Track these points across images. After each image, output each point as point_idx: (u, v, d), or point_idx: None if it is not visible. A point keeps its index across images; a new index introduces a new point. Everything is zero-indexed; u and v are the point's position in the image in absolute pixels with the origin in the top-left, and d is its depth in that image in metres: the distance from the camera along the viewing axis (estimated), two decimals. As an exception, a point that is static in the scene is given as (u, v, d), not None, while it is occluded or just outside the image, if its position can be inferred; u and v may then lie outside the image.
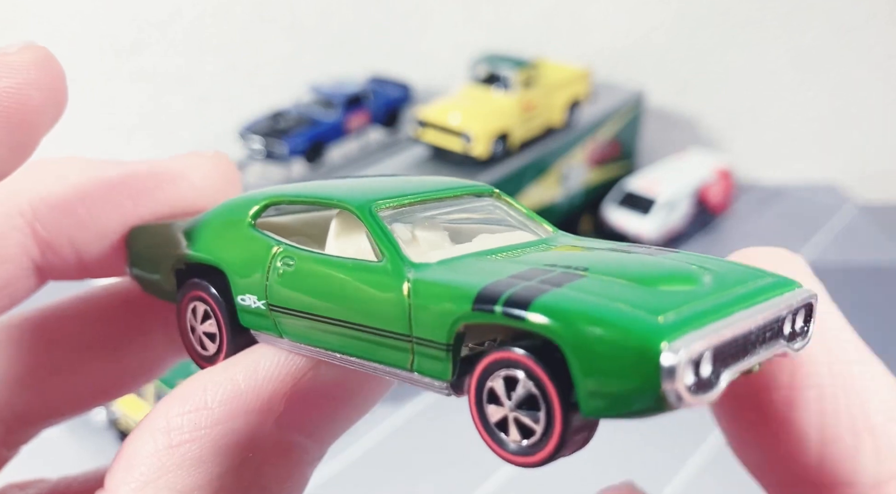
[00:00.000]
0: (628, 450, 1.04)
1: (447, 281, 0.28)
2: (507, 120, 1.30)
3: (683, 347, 0.22)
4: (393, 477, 1.00)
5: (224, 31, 1.60)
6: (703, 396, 0.23)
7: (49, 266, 0.36)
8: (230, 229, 0.35)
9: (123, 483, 0.29)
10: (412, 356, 0.29)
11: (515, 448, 0.26)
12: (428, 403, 1.13)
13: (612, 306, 0.24)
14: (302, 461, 0.32)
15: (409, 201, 0.33)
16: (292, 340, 0.32)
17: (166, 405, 0.30)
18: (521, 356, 0.26)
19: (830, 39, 1.69)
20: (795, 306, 0.27)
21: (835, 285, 1.41)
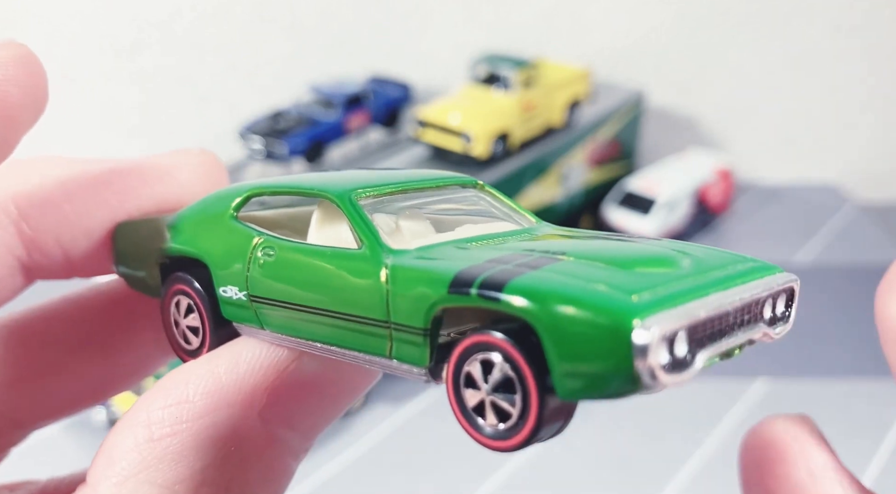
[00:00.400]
0: (628, 450, 1.04)
1: (424, 266, 0.28)
2: (507, 120, 1.30)
3: (656, 324, 0.22)
4: (393, 477, 1.00)
5: (224, 31, 1.60)
6: (679, 375, 0.23)
7: (36, 265, 0.36)
8: (212, 221, 0.35)
9: (104, 477, 0.29)
10: (390, 342, 0.29)
11: (491, 432, 0.26)
12: (428, 403, 1.13)
13: (586, 286, 0.24)
14: (286, 454, 0.32)
15: (390, 190, 0.33)
16: (273, 331, 0.32)
17: (148, 400, 0.30)
18: (497, 339, 0.26)
19: (830, 39, 1.69)
20: (776, 290, 0.28)
21: (835, 285, 1.41)
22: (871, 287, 1.18)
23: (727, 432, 1.07)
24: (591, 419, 1.10)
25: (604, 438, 1.06)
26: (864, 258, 1.48)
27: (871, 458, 1.02)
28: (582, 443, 1.05)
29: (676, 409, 1.12)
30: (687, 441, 1.05)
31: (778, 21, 1.68)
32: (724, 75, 1.73)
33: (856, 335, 1.27)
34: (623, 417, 1.10)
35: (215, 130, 1.55)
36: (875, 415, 1.10)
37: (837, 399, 1.13)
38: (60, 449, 1.00)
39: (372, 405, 1.12)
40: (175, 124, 1.66)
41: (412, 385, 1.16)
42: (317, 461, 1.02)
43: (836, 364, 1.21)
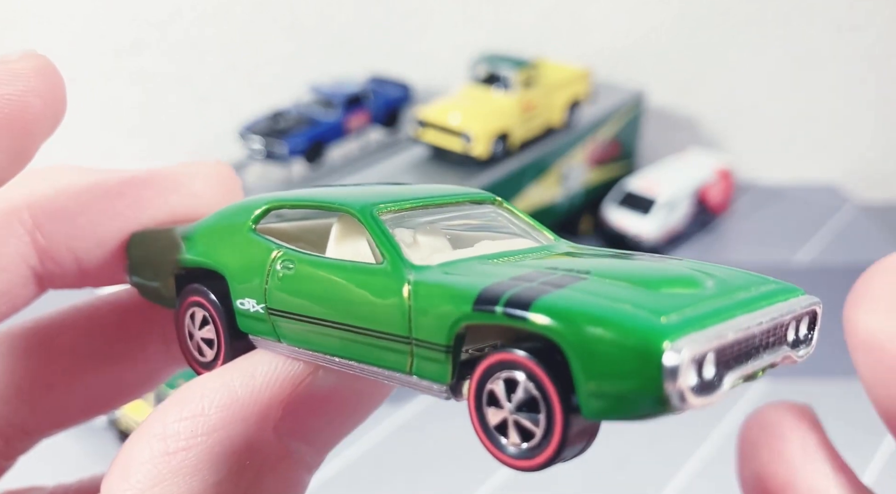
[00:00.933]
0: (628, 451, 1.04)
1: (448, 282, 0.27)
2: (507, 120, 1.30)
3: (686, 347, 0.22)
4: (393, 477, 1.00)
5: (224, 31, 1.60)
6: (706, 398, 0.23)
7: (49, 274, 0.36)
8: (230, 233, 0.35)
9: (119, 490, 0.29)
10: (411, 358, 0.28)
11: (515, 452, 0.26)
12: (428, 403, 1.13)
13: (614, 306, 0.24)
14: (300, 468, 0.32)
15: (410, 205, 0.33)
16: (290, 344, 0.32)
17: (163, 411, 0.30)
18: (521, 357, 0.25)
19: (830, 39, 1.69)
20: (799, 313, 0.28)
21: (835, 285, 1.41)
22: (871, 287, 1.14)
23: (727, 432, 1.07)
24: (591, 419, 1.10)
25: (604, 438, 1.06)
26: (864, 258, 1.48)
27: (871, 458, 1.02)
28: (582, 443, 1.05)
29: (676, 409, 1.12)
30: (687, 441, 1.05)
31: (778, 21, 1.68)
32: (724, 75, 1.73)
33: (856, 335, 1.27)
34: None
35: (215, 130, 1.55)
36: (875, 415, 1.10)
37: (837, 399, 1.13)
38: (62, 451, 1.00)
39: (372, 405, 1.12)
40: (175, 124, 1.66)
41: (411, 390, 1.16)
42: (317, 461, 1.02)
43: (836, 364, 1.20)
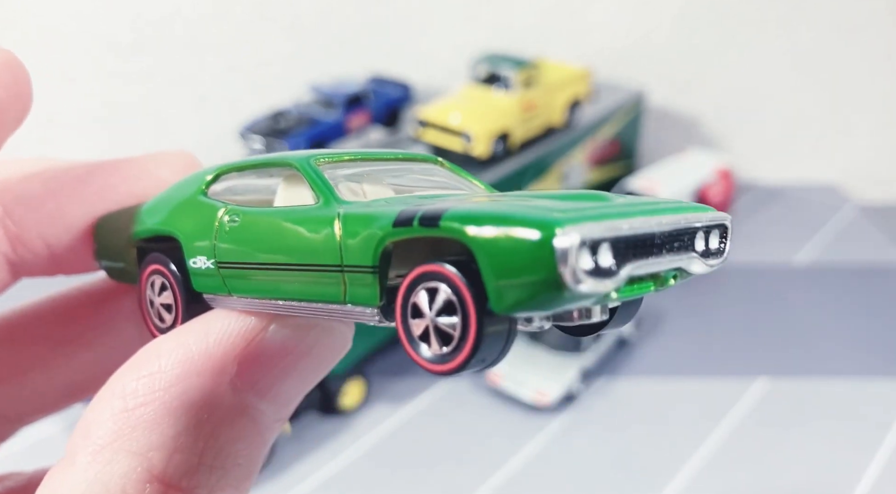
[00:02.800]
0: (628, 450, 1.04)
1: (372, 210, 0.30)
2: (507, 120, 1.30)
3: (575, 231, 0.24)
4: (393, 477, 1.00)
5: (224, 31, 1.60)
6: (603, 281, 0.25)
7: (21, 261, 0.37)
8: (183, 199, 0.37)
9: (81, 447, 0.30)
10: (344, 286, 0.30)
11: (434, 356, 0.28)
12: (428, 403, 1.13)
13: (516, 209, 0.26)
14: (258, 422, 0.33)
15: (348, 157, 0.35)
16: (240, 295, 0.34)
17: (121, 373, 0.31)
18: (438, 266, 0.27)
19: (830, 39, 1.69)
20: (705, 223, 0.29)
21: (835, 285, 1.41)
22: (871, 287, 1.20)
23: (727, 432, 1.07)
24: (591, 419, 1.10)
25: (604, 438, 1.06)
26: (864, 258, 1.48)
27: (871, 458, 1.02)
28: (582, 443, 1.05)
29: (676, 409, 1.12)
30: (687, 441, 1.05)
31: (778, 21, 1.68)
32: (724, 75, 1.73)
33: (856, 334, 1.27)
34: (623, 417, 1.10)
35: (215, 130, 1.55)
36: (875, 415, 1.10)
37: (837, 399, 1.13)
38: (53, 442, 1.00)
39: (372, 405, 1.12)
40: (175, 124, 1.66)
41: (412, 385, 1.16)
42: (317, 461, 1.02)
43: (836, 364, 1.21)
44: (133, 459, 0.29)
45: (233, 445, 0.31)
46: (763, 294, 1.38)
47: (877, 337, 1.26)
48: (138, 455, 0.30)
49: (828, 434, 1.06)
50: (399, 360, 1.21)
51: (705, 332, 1.28)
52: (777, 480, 0.99)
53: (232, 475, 0.31)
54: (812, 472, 1.00)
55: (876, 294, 1.37)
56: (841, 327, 1.29)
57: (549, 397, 1.09)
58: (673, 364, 1.21)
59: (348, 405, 1.10)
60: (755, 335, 1.28)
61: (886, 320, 1.30)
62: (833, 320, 1.31)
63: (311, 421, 1.09)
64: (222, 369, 0.32)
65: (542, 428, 1.07)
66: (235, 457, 0.31)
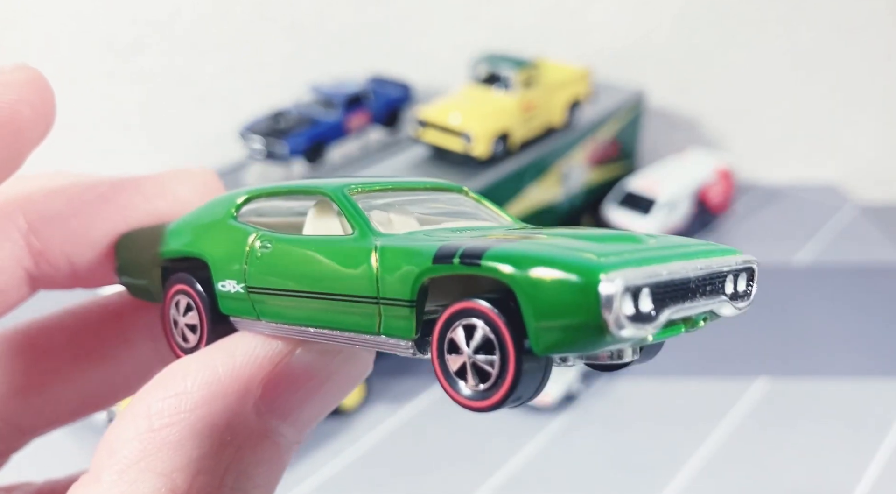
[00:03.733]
0: (628, 450, 1.04)
1: (410, 245, 0.30)
2: (507, 120, 1.30)
3: (620, 277, 0.25)
4: (393, 477, 1.00)
5: (224, 31, 1.60)
6: (644, 327, 0.25)
7: (42, 276, 0.38)
8: (213, 222, 0.37)
9: (106, 466, 0.30)
10: (379, 318, 0.30)
11: (471, 393, 0.28)
12: (428, 403, 1.13)
13: (558, 251, 0.26)
14: (279, 445, 0.33)
15: (379, 187, 0.36)
16: (268, 320, 0.34)
17: (147, 392, 0.31)
18: (477, 304, 0.28)
19: (830, 39, 1.69)
20: (735, 267, 0.30)
21: (835, 285, 1.41)
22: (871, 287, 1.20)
23: (727, 432, 1.07)
24: (592, 419, 1.10)
25: (604, 438, 1.06)
26: (864, 258, 1.48)
27: (871, 458, 1.02)
28: (582, 443, 1.05)
29: (676, 409, 1.12)
30: (687, 441, 1.05)
31: (778, 21, 1.68)
32: (724, 75, 1.73)
33: (856, 334, 1.27)
34: (623, 417, 1.10)
35: (215, 130, 1.55)
36: (875, 415, 1.10)
37: (837, 399, 1.13)
38: (61, 450, 1.00)
39: (372, 405, 1.12)
40: (175, 124, 1.66)
41: (412, 385, 1.16)
42: (317, 461, 1.02)
43: (836, 364, 1.21)
44: (158, 479, 0.30)
45: (255, 467, 0.32)
46: (763, 294, 1.37)
47: (877, 337, 1.26)
48: (163, 475, 0.30)
49: (828, 434, 1.06)
50: (399, 360, 1.21)
51: (705, 332, 1.28)
52: (777, 480, 0.99)
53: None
54: (812, 472, 1.00)
55: (876, 294, 1.37)
56: (841, 327, 1.29)
57: (549, 397, 1.09)
58: (673, 364, 1.21)
59: (348, 406, 1.10)
60: (755, 335, 1.28)
61: (886, 320, 1.30)
62: (833, 320, 1.31)
63: (311, 421, 1.09)
64: (247, 391, 0.32)
65: (542, 428, 1.07)
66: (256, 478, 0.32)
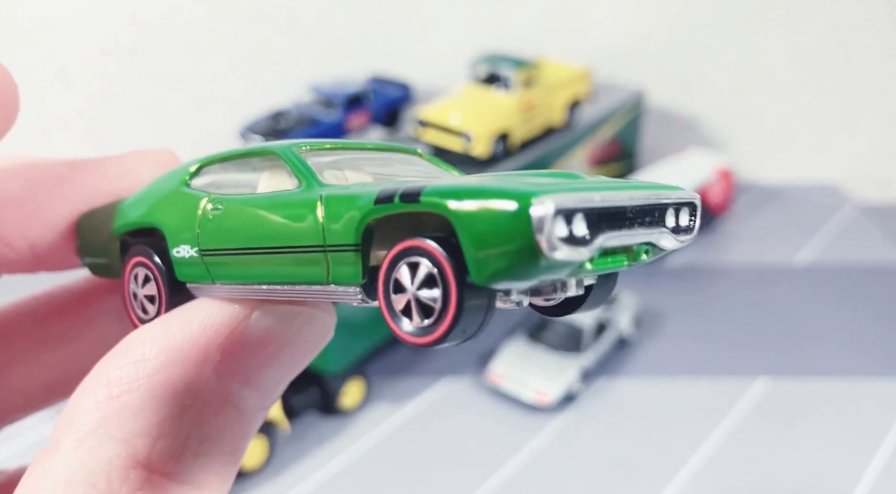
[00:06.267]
0: (628, 450, 1.04)
1: (353, 191, 0.31)
2: (507, 120, 1.30)
3: (550, 200, 0.25)
4: (393, 477, 1.00)
5: (224, 31, 1.60)
6: (578, 249, 0.26)
7: (3, 260, 0.38)
8: (166, 192, 0.37)
9: (66, 434, 0.30)
10: (328, 266, 0.31)
11: (415, 329, 0.29)
12: (428, 403, 1.13)
13: (493, 183, 0.27)
14: (242, 410, 0.33)
15: (330, 146, 0.36)
16: (223, 282, 0.34)
17: (106, 361, 0.32)
18: (419, 241, 0.28)
19: (830, 39, 1.69)
20: (675, 200, 0.31)
21: (835, 285, 1.41)
22: (871, 287, 1.20)
23: (727, 432, 1.07)
24: (592, 419, 1.10)
25: (604, 438, 1.06)
26: (864, 258, 1.48)
27: (871, 458, 1.02)
28: (582, 443, 1.05)
29: (676, 409, 1.12)
30: (687, 441, 1.05)
31: (778, 21, 1.68)
32: (724, 75, 1.73)
33: (856, 334, 1.27)
34: (623, 417, 1.10)
35: (215, 130, 1.55)
36: (875, 415, 1.10)
37: (837, 399, 1.13)
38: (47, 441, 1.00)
39: (372, 405, 1.12)
40: (175, 124, 1.66)
41: (412, 385, 1.16)
42: (317, 461, 1.02)
43: (836, 364, 1.21)
44: (117, 445, 0.30)
45: (217, 432, 0.32)
46: (763, 294, 1.38)
47: (877, 337, 1.26)
48: (123, 441, 0.30)
49: (828, 434, 1.06)
50: (399, 360, 1.21)
51: (705, 332, 1.28)
52: (777, 480, 0.99)
53: (216, 461, 0.32)
54: (812, 472, 1.00)
55: (876, 294, 1.37)
56: (841, 327, 1.29)
57: (549, 397, 1.09)
58: (673, 364, 1.21)
59: (348, 406, 1.10)
60: (755, 335, 1.28)
61: (886, 320, 1.30)
62: (833, 320, 1.31)
63: (311, 421, 1.09)
64: (206, 356, 0.32)
65: (542, 428, 1.08)
66: (220, 444, 0.32)
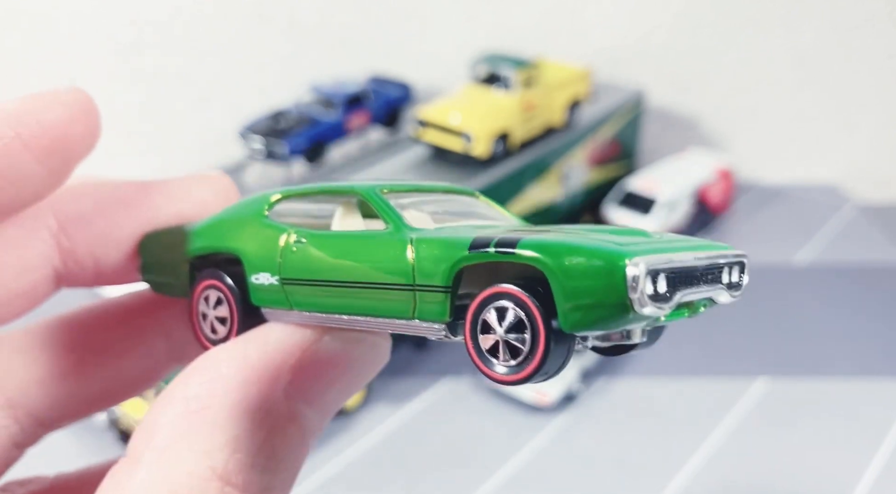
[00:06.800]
0: (628, 450, 1.04)
1: (445, 236, 0.33)
2: (507, 120, 1.30)
3: (643, 262, 0.28)
4: (393, 477, 1.00)
5: (224, 31, 1.60)
6: (661, 305, 0.29)
7: (68, 274, 0.40)
8: (245, 220, 0.39)
9: (146, 448, 0.31)
10: (414, 303, 0.33)
11: (504, 369, 0.31)
12: (428, 403, 1.13)
13: (583, 240, 0.30)
14: (304, 428, 0.35)
15: (406, 189, 0.39)
16: (301, 309, 0.36)
17: (184, 378, 0.34)
18: (510, 288, 0.31)
19: (830, 39, 1.69)
20: (730, 259, 0.34)
21: (835, 285, 1.41)
22: (871, 287, 1.20)
23: (727, 432, 1.07)
24: (591, 418, 1.10)
25: (604, 438, 1.06)
26: (864, 258, 1.48)
27: (871, 458, 1.02)
28: (582, 443, 1.05)
29: (676, 409, 1.12)
30: (687, 441, 1.05)
31: (778, 21, 1.68)
32: (724, 75, 1.73)
33: (856, 334, 1.27)
34: (623, 417, 1.10)
35: (215, 130, 1.55)
36: (875, 415, 1.10)
37: (837, 399, 1.13)
38: (61, 449, 1.00)
39: (372, 405, 1.12)
40: (175, 124, 1.66)
41: (412, 385, 1.16)
42: (317, 461, 1.02)
43: (836, 364, 1.21)
44: (197, 457, 0.31)
45: (283, 449, 0.33)
46: (763, 294, 1.38)
47: (877, 337, 1.26)
48: (202, 453, 0.31)
49: (828, 434, 1.06)
50: (399, 360, 1.21)
51: (705, 332, 1.28)
52: (777, 480, 0.99)
53: (279, 477, 0.33)
54: (812, 472, 1.00)
55: (876, 294, 1.37)
56: (841, 327, 1.29)
57: (549, 397, 1.09)
58: (673, 364, 1.21)
59: (348, 406, 1.10)
60: (755, 335, 1.28)
61: (886, 320, 1.30)
62: (833, 320, 1.31)
63: (311, 421, 1.09)
64: (278, 377, 0.34)
65: (542, 428, 1.08)
66: (284, 461, 0.33)
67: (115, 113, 1.63)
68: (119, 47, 1.57)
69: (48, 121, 0.34)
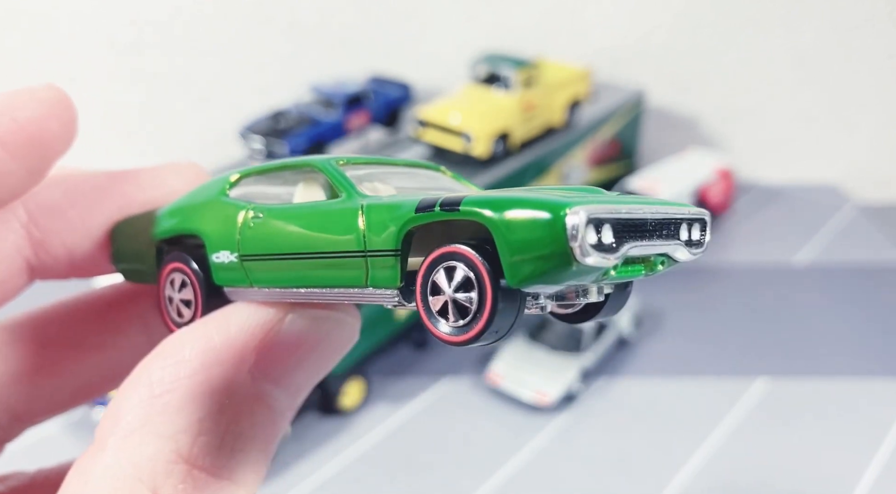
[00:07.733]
0: (628, 450, 1.04)
1: (393, 201, 0.33)
2: (507, 120, 1.30)
3: (583, 211, 0.28)
4: (393, 477, 1.00)
5: (224, 31, 1.60)
6: (606, 256, 0.28)
7: (41, 265, 0.39)
8: (207, 201, 0.39)
9: (111, 433, 0.31)
10: (367, 270, 0.33)
11: (452, 329, 0.31)
12: (428, 403, 1.13)
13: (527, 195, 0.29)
14: (274, 409, 0.35)
15: (364, 161, 0.38)
16: (261, 285, 0.36)
17: (147, 362, 0.33)
18: (457, 247, 0.30)
19: (830, 39, 1.69)
20: (688, 216, 0.33)
21: (835, 285, 1.41)
22: (872, 287, 1.21)
23: (727, 432, 1.07)
24: (591, 419, 1.10)
25: (604, 438, 1.06)
26: (864, 258, 1.48)
27: (871, 458, 1.02)
28: (582, 443, 1.05)
29: (676, 409, 1.12)
30: (687, 441, 1.05)
31: (778, 21, 1.68)
32: (724, 75, 1.73)
33: (856, 334, 1.27)
34: (623, 417, 1.10)
35: (215, 130, 1.55)
36: (875, 415, 1.10)
37: (837, 399, 1.13)
38: (61, 448, 1.00)
39: (372, 405, 1.12)
40: (175, 124, 1.66)
41: (412, 385, 1.16)
42: (317, 461, 1.02)
43: (836, 364, 1.21)
44: (162, 441, 0.31)
45: (251, 429, 0.33)
46: (763, 294, 1.38)
47: (877, 337, 1.26)
48: (166, 437, 0.31)
49: (828, 434, 1.06)
50: (399, 360, 1.21)
51: (705, 332, 1.28)
52: (777, 480, 0.99)
53: (250, 457, 0.33)
54: (812, 472, 1.00)
55: (876, 294, 1.37)
56: (841, 327, 1.29)
57: (549, 397, 1.09)
58: (673, 364, 1.21)
59: (348, 406, 1.10)
60: (755, 335, 1.28)
61: (886, 320, 1.30)
62: (833, 320, 1.31)
63: (311, 421, 1.09)
64: (242, 358, 0.34)
65: (542, 428, 1.08)
66: (254, 441, 0.33)
67: (115, 113, 1.63)
68: (119, 47, 1.57)
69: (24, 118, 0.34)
